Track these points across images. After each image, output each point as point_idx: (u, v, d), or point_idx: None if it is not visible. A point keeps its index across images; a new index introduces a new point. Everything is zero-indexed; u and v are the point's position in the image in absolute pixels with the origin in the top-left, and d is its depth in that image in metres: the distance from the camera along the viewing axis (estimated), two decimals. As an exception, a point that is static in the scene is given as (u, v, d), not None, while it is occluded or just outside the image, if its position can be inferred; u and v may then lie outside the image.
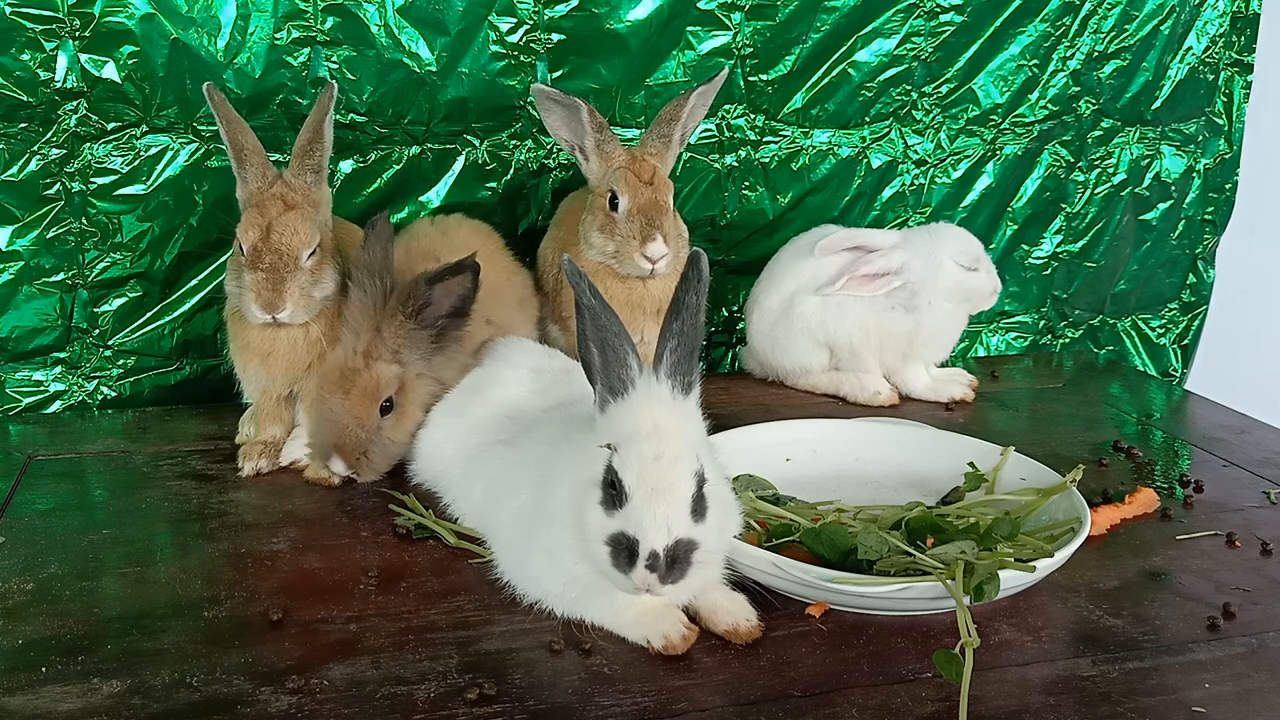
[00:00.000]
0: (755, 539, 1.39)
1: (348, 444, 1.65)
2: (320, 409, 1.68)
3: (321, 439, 1.68)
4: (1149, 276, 2.81)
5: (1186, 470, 1.91)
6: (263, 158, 1.72)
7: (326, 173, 1.76)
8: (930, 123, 2.48)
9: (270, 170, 1.72)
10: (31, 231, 2.01)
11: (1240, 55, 2.68)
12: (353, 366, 1.65)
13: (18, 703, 1.13)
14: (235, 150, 1.71)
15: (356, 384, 1.64)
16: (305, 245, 1.68)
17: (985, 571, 1.25)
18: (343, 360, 1.66)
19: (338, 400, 1.65)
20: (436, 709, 1.14)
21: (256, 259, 1.66)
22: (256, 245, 1.66)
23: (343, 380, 1.65)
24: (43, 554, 1.47)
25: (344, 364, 1.66)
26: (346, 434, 1.65)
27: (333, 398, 1.65)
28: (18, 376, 2.08)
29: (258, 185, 1.71)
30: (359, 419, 1.65)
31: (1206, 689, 1.22)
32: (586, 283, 1.24)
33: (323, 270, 1.72)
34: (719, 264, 2.44)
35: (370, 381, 1.65)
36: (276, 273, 1.65)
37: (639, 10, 2.20)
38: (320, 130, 1.72)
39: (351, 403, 1.65)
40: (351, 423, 1.65)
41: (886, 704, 1.17)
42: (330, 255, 1.75)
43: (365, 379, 1.64)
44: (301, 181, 1.72)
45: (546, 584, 1.32)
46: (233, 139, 1.70)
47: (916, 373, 2.25)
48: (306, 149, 1.72)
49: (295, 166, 1.73)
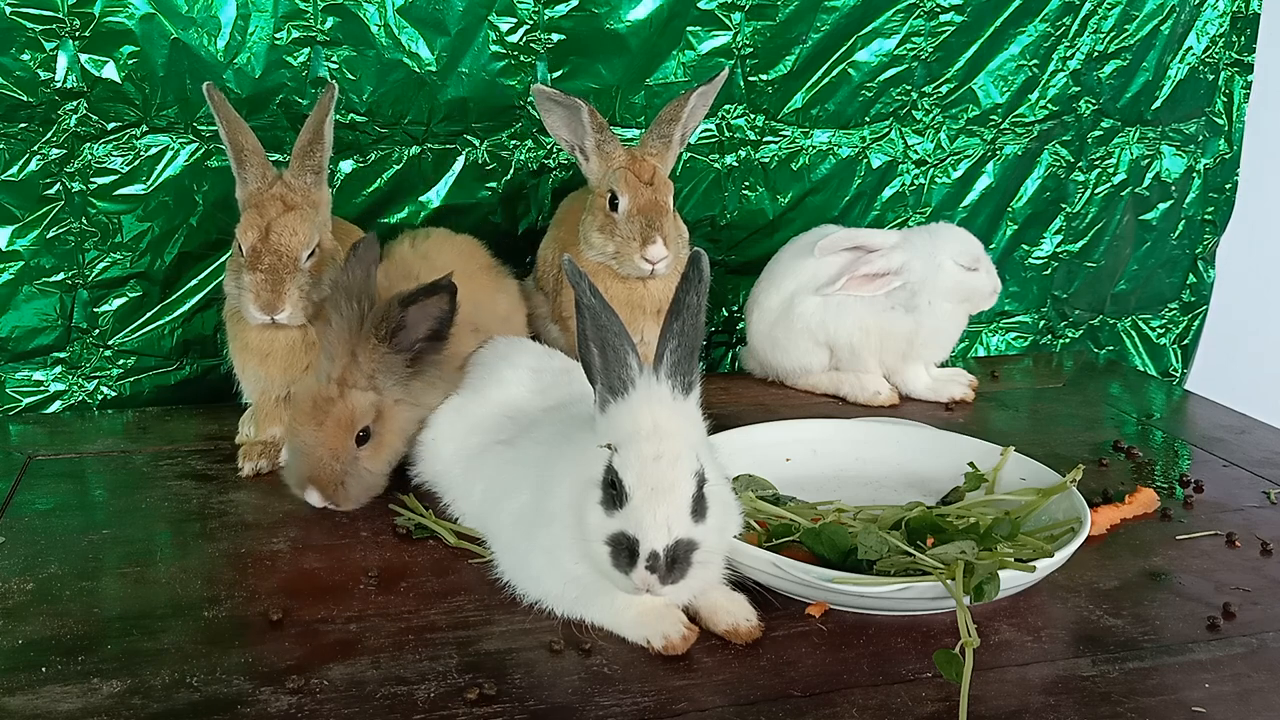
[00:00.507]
0: (755, 539, 1.39)
1: (323, 476, 1.57)
2: (293, 441, 1.59)
3: (296, 471, 1.59)
4: (1149, 276, 2.81)
5: (1186, 470, 1.91)
6: (262, 158, 1.71)
7: (327, 174, 1.76)
8: (930, 123, 2.48)
9: (270, 171, 1.72)
10: (31, 231, 2.01)
11: (1240, 55, 2.68)
12: (326, 395, 1.56)
13: (18, 703, 1.13)
14: (235, 150, 1.70)
15: (330, 414, 1.56)
16: (304, 246, 1.67)
17: (985, 571, 1.25)
18: (315, 389, 1.58)
19: (310, 431, 1.56)
20: (436, 709, 1.14)
21: (256, 260, 1.65)
22: (255, 246, 1.66)
23: (315, 411, 1.56)
24: (43, 554, 1.47)
25: (317, 393, 1.57)
26: (321, 466, 1.56)
27: (305, 429, 1.56)
28: (18, 376, 2.08)
29: (257, 186, 1.70)
30: (333, 450, 1.56)
31: (1206, 689, 1.22)
32: (587, 282, 1.24)
33: (322, 272, 1.71)
34: (719, 264, 2.44)
35: (344, 411, 1.56)
36: (276, 274, 1.65)
37: (639, 10, 2.20)
38: (320, 131, 1.71)
39: (325, 434, 1.56)
40: (326, 455, 1.56)
41: (886, 704, 1.17)
42: (330, 257, 1.74)
43: (339, 409, 1.56)
44: (301, 182, 1.71)
45: (546, 584, 1.32)
46: (232, 139, 1.70)
47: (916, 373, 2.25)
48: (306, 149, 1.72)
49: (295, 167, 1.72)
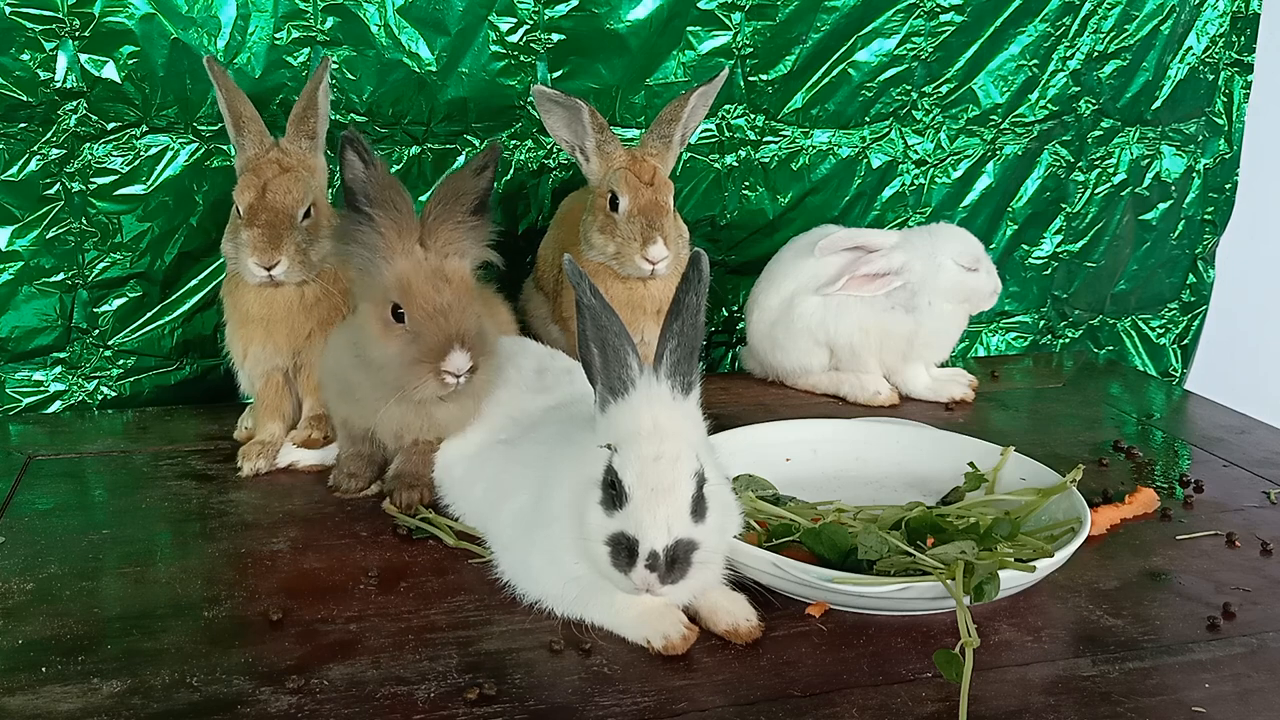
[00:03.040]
0: (755, 539, 1.39)
1: (468, 332, 1.46)
2: (420, 307, 1.45)
3: (434, 334, 1.45)
4: (1149, 276, 2.81)
5: (1186, 470, 1.91)
6: (260, 126, 1.76)
7: (322, 142, 1.79)
8: (930, 123, 2.48)
9: (267, 138, 1.76)
10: (31, 231, 2.01)
11: (1240, 55, 2.68)
12: (432, 265, 1.45)
13: (18, 703, 1.13)
14: (234, 118, 1.74)
15: (447, 277, 1.46)
16: (299, 204, 1.71)
17: (985, 571, 1.25)
18: (420, 261, 1.45)
19: (446, 291, 1.44)
20: (436, 709, 1.14)
21: (253, 216, 1.68)
22: (253, 204, 1.69)
23: (435, 275, 1.45)
24: (43, 554, 1.47)
25: (426, 264, 1.45)
26: (463, 321, 1.45)
27: (440, 290, 1.44)
28: (18, 376, 2.08)
29: (255, 152, 1.74)
30: (468, 307, 1.47)
31: (1206, 689, 1.22)
32: (587, 283, 1.25)
33: (319, 232, 1.73)
34: (719, 264, 2.44)
35: (459, 273, 1.47)
36: (273, 228, 1.68)
37: (639, 10, 2.20)
38: (314, 99, 1.75)
39: (456, 293, 1.45)
40: (464, 311, 1.46)
41: (886, 704, 1.17)
42: (326, 222, 1.76)
43: (453, 270, 1.47)
44: (296, 148, 1.76)
45: (546, 584, 1.32)
46: (231, 107, 1.74)
47: (916, 373, 2.25)
48: (301, 116, 1.76)
49: (291, 133, 1.77)
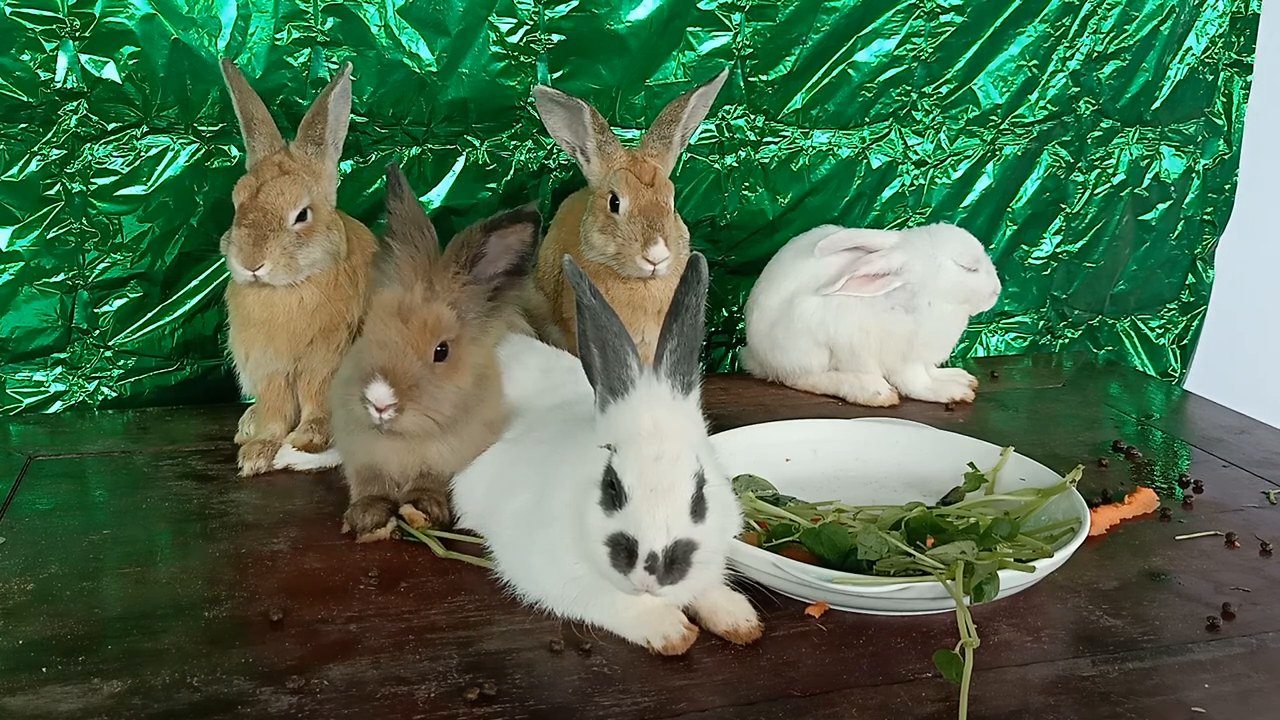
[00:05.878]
0: (755, 539, 1.39)
1: (399, 368, 1.46)
2: (370, 336, 1.50)
3: (366, 362, 1.48)
4: (1148, 277, 2.81)
5: (1186, 470, 1.91)
6: (271, 129, 1.76)
7: (334, 148, 1.78)
8: (930, 123, 2.48)
9: (278, 141, 1.76)
10: (32, 232, 2.01)
11: (1240, 55, 2.68)
12: (412, 300, 1.49)
13: (18, 703, 1.13)
14: (246, 119, 1.75)
15: (416, 315, 1.48)
16: (291, 207, 1.69)
17: (985, 571, 1.25)
18: (400, 295, 1.50)
19: (395, 326, 1.47)
20: (436, 709, 1.14)
21: (242, 216, 1.68)
22: (245, 204, 1.69)
23: (401, 310, 1.48)
24: (43, 554, 1.47)
25: (402, 298, 1.49)
26: (400, 359, 1.47)
27: (390, 324, 1.47)
28: (18, 377, 2.08)
29: (264, 154, 1.74)
30: (416, 348, 1.48)
31: (1206, 689, 1.22)
32: (587, 283, 1.25)
33: (312, 237, 1.72)
34: (719, 264, 2.44)
35: (431, 315, 1.49)
36: (259, 229, 1.67)
37: (639, 11, 2.20)
38: (324, 105, 1.75)
39: (411, 331, 1.47)
40: (408, 350, 1.47)
41: (886, 704, 1.17)
42: (326, 228, 1.75)
43: (425, 312, 1.49)
44: (302, 152, 1.75)
45: (547, 584, 1.32)
46: (244, 108, 1.75)
47: (916, 373, 2.25)
48: (310, 121, 1.76)
49: (299, 138, 1.77)
